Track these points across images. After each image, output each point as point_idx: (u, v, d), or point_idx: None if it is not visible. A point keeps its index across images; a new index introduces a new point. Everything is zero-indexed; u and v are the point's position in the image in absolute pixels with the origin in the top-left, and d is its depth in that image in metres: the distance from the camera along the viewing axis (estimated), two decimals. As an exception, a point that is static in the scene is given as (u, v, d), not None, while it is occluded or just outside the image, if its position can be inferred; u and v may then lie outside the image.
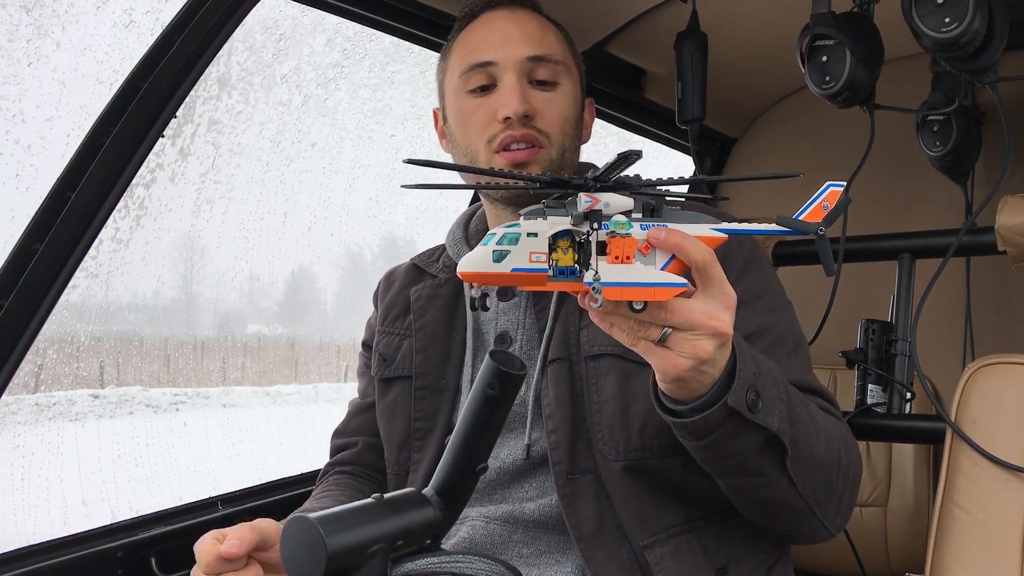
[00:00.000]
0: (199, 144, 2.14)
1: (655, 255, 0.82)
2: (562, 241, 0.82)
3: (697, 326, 0.82)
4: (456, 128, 1.24)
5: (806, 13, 1.45)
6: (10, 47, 1.78)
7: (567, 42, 1.27)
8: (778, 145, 2.43)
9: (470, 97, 1.21)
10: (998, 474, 1.18)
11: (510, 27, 1.21)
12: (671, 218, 0.83)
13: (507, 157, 1.18)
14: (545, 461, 1.14)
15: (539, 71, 1.20)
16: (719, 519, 1.11)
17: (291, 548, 0.72)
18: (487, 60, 1.20)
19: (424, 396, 1.24)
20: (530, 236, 0.82)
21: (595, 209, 0.81)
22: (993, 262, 1.95)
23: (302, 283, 8.69)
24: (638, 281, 0.81)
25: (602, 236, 0.81)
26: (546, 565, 1.13)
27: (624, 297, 0.81)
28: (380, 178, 2.73)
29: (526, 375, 0.92)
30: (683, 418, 0.91)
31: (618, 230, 0.81)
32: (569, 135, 1.23)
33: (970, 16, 1.23)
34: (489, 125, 1.19)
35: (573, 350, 1.15)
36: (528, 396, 1.16)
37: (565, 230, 0.81)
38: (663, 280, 0.81)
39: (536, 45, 1.20)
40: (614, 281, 0.81)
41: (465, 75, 1.21)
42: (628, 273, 0.81)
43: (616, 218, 0.82)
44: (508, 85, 1.18)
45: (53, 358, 3.13)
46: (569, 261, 0.82)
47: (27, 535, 1.46)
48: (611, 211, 0.82)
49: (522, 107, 1.17)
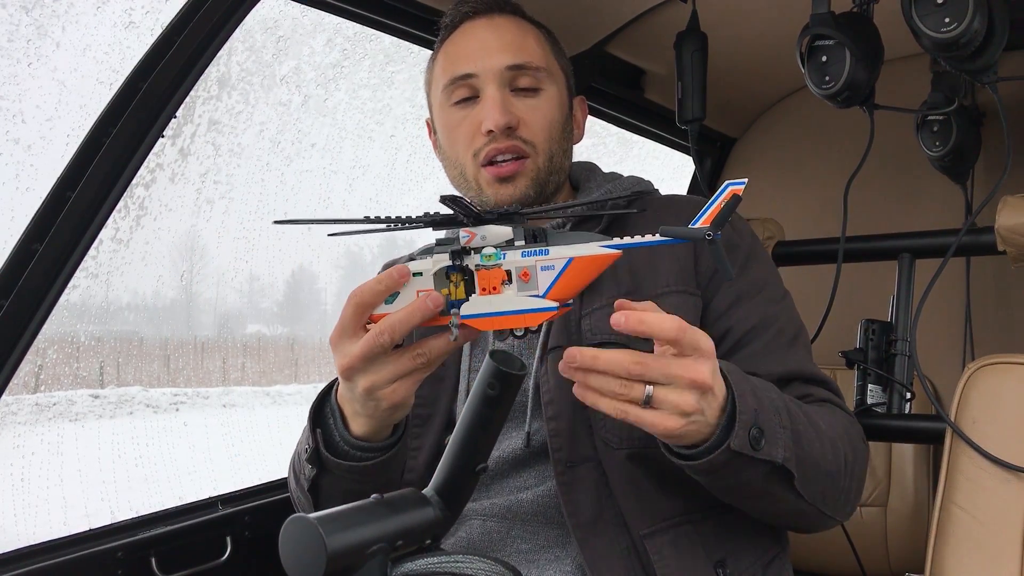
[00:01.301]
0: (199, 144, 2.14)
1: (537, 279, 0.84)
2: (455, 275, 0.86)
3: (675, 379, 0.83)
4: (444, 141, 1.26)
5: (806, 13, 1.45)
6: (10, 47, 1.78)
7: (549, 44, 1.27)
8: (778, 145, 2.43)
9: (455, 110, 1.22)
10: (998, 474, 1.18)
11: (489, 36, 1.21)
12: (557, 241, 0.85)
13: (493, 172, 1.19)
14: (545, 450, 1.14)
15: (520, 79, 1.20)
16: (719, 512, 1.12)
17: (291, 548, 0.72)
18: (467, 72, 1.20)
19: (424, 383, 1.24)
20: (416, 276, 0.88)
21: (471, 245, 0.86)
22: (993, 262, 1.95)
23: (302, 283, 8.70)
24: (505, 310, 0.85)
25: (476, 268, 0.86)
26: (546, 561, 1.13)
27: (491, 327, 0.85)
28: (380, 178, 2.72)
29: (526, 375, 0.92)
30: (689, 461, 0.92)
31: (485, 262, 0.85)
32: (556, 140, 1.23)
33: (970, 16, 1.23)
34: (474, 138, 1.19)
35: (574, 338, 1.16)
36: (528, 385, 1.17)
37: (454, 265, 0.86)
38: (532, 306, 0.84)
39: (515, 53, 1.20)
40: (480, 312, 0.86)
41: (448, 89, 1.22)
42: (496, 303, 0.85)
43: (485, 250, 0.86)
44: (489, 97, 1.18)
45: (53, 358, 3.13)
46: (461, 294, 0.87)
47: (27, 535, 1.46)
48: (489, 242, 0.86)
49: (504, 119, 1.17)
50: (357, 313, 0.91)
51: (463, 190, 1.25)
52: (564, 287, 0.84)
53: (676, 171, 2.69)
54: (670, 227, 0.82)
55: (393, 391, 0.93)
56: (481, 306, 0.86)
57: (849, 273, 1.60)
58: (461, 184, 1.25)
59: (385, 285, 0.90)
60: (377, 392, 0.93)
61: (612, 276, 1.17)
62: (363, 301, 0.91)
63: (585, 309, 1.16)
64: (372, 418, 0.99)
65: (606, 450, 1.11)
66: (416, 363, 0.91)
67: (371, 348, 0.89)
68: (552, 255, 0.84)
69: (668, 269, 1.17)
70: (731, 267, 0.90)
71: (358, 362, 0.91)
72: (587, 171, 1.32)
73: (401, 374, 0.92)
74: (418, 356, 0.91)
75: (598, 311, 1.16)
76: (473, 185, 1.22)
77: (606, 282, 1.17)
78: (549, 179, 1.22)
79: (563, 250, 0.84)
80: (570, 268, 0.84)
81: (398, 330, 0.88)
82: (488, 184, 1.20)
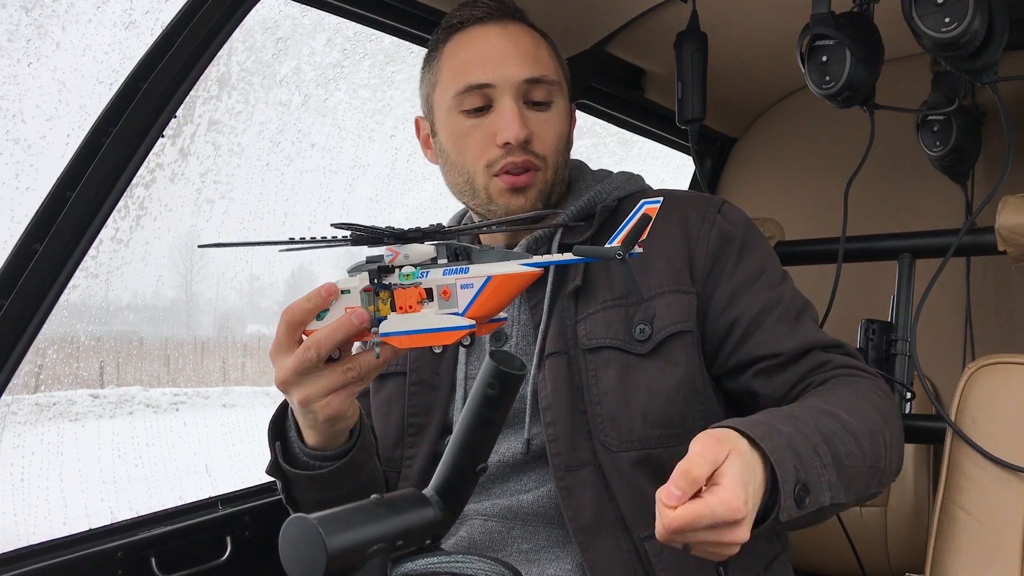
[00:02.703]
0: (199, 144, 2.14)
1: (457, 297, 0.86)
2: (383, 293, 0.89)
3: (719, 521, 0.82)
4: (450, 147, 1.23)
5: (806, 13, 1.44)
6: (10, 47, 1.78)
7: (557, 56, 1.27)
8: (778, 145, 2.43)
9: (465, 117, 1.20)
10: (998, 474, 1.18)
11: (505, 45, 1.19)
12: (478, 259, 0.87)
13: (508, 181, 1.18)
14: (544, 455, 1.14)
15: (535, 92, 1.20)
16: None
17: (291, 548, 0.72)
18: (484, 82, 1.18)
19: (418, 392, 1.24)
20: (344, 293, 0.92)
21: (395, 263, 0.88)
22: (993, 262, 1.95)
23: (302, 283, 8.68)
24: (422, 328, 0.87)
25: (397, 285, 0.88)
26: (546, 561, 1.13)
27: (409, 344, 0.88)
28: (380, 178, 2.72)
29: (526, 375, 0.92)
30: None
31: (403, 281, 0.88)
32: (562, 152, 1.24)
33: (970, 16, 1.23)
34: (487, 149, 1.18)
35: (570, 343, 1.16)
36: (526, 391, 1.17)
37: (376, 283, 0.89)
38: (449, 324, 0.86)
39: (532, 66, 1.19)
40: (398, 330, 0.88)
41: (459, 95, 1.19)
42: (413, 321, 0.87)
43: (404, 269, 0.88)
44: (507, 109, 1.17)
45: (53, 358, 3.12)
46: (388, 310, 0.89)
47: (27, 535, 1.46)
48: (411, 260, 0.88)
49: (523, 133, 1.16)
50: (290, 330, 0.95)
51: (467, 199, 1.24)
52: (483, 304, 0.86)
53: (676, 171, 2.69)
54: (583, 247, 0.85)
55: (327, 404, 0.96)
56: (399, 324, 0.89)
57: (849, 273, 1.60)
58: (466, 192, 1.23)
59: (314, 303, 0.94)
60: (312, 405, 0.96)
61: (606, 280, 1.17)
62: (294, 318, 0.94)
63: (581, 314, 1.16)
64: (314, 430, 1.02)
65: (606, 453, 1.11)
66: (347, 377, 0.94)
67: (300, 363, 0.93)
68: (472, 273, 0.86)
69: (661, 271, 1.17)
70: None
71: (291, 375, 0.95)
72: (577, 170, 1.32)
73: (333, 388, 0.95)
74: (348, 371, 0.94)
75: (593, 315, 1.16)
76: (482, 194, 1.21)
77: (601, 286, 1.17)
78: (553, 190, 1.23)
79: (482, 268, 0.86)
80: (488, 286, 0.85)
81: (324, 346, 0.92)
82: (500, 194, 1.19)
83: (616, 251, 0.82)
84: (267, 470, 1.12)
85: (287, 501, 1.13)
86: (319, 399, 0.96)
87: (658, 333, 1.13)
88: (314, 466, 1.07)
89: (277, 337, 0.96)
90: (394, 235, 0.87)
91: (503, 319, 0.93)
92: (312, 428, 1.03)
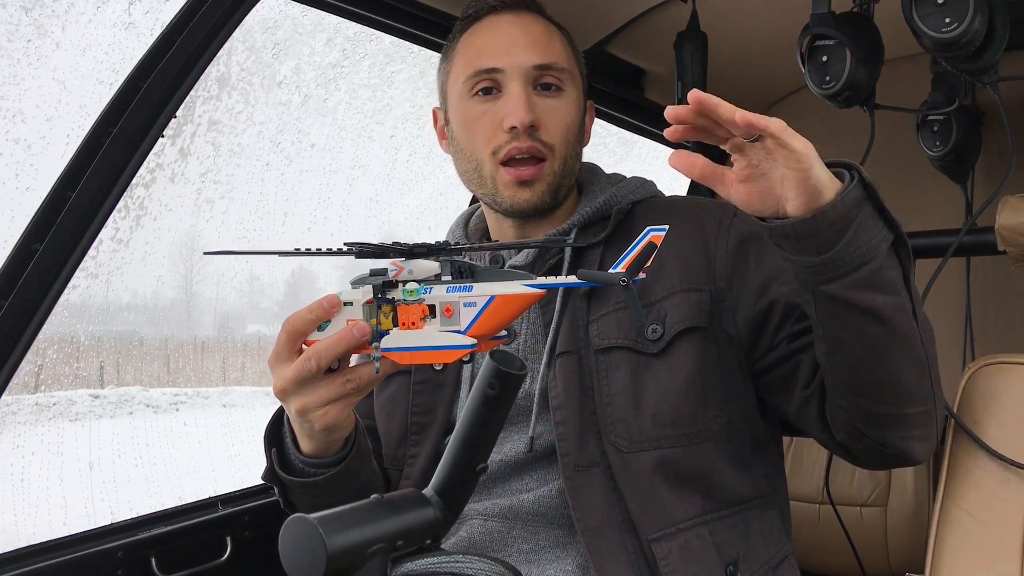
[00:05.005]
0: (199, 144, 2.14)
1: (459, 315, 0.86)
2: (386, 307, 0.89)
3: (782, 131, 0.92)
4: (460, 133, 1.23)
5: (806, 13, 1.44)
6: (10, 47, 1.78)
7: (571, 47, 1.27)
8: (778, 145, 2.42)
9: (475, 102, 1.20)
10: (998, 474, 1.18)
11: (517, 32, 1.20)
12: (483, 277, 0.87)
13: (513, 174, 1.18)
14: (548, 454, 1.14)
15: (544, 79, 1.20)
16: (737, 509, 1.12)
17: (291, 548, 0.72)
18: (493, 67, 1.19)
19: (423, 391, 1.24)
20: (346, 305, 0.92)
21: (399, 278, 0.88)
22: (993, 262, 1.95)
23: (302, 283, 8.68)
24: (424, 344, 0.87)
25: (400, 302, 0.89)
26: (546, 561, 1.13)
27: (410, 360, 0.88)
28: (380, 178, 2.72)
29: (526, 375, 0.92)
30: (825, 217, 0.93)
31: (407, 297, 0.88)
32: (572, 144, 1.23)
33: (970, 16, 1.23)
34: (495, 134, 1.18)
35: (582, 343, 1.15)
36: (533, 389, 1.16)
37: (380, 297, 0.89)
38: (450, 343, 0.86)
39: (542, 53, 1.20)
40: (399, 346, 0.88)
41: (470, 80, 1.20)
42: (415, 337, 0.88)
43: (408, 285, 0.88)
44: (514, 94, 1.17)
45: (53, 358, 3.12)
46: (389, 324, 0.89)
47: (27, 535, 1.46)
48: (416, 276, 0.88)
49: (528, 117, 1.16)
50: (290, 339, 0.95)
51: (475, 187, 1.24)
52: (485, 323, 0.86)
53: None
54: (587, 271, 0.85)
55: (324, 414, 0.96)
56: (401, 340, 0.89)
57: (849, 273, 1.59)
58: (474, 180, 1.23)
59: (316, 314, 0.94)
60: (309, 414, 0.97)
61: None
62: (295, 329, 0.95)
63: (593, 315, 1.16)
64: (311, 438, 1.03)
65: (616, 454, 1.11)
66: (346, 389, 0.95)
67: (299, 373, 0.93)
68: (475, 292, 0.86)
69: (673, 271, 1.16)
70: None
71: (290, 385, 0.95)
72: (590, 173, 1.31)
73: (331, 398, 0.95)
74: (347, 382, 0.94)
75: (605, 316, 1.16)
76: (489, 184, 1.20)
77: (613, 288, 1.16)
78: (562, 183, 1.22)
79: (486, 287, 0.86)
80: (491, 305, 0.85)
81: (324, 357, 0.92)
82: (506, 186, 1.19)
83: (620, 277, 0.82)
84: (263, 476, 1.12)
85: (285, 505, 1.13)
86: (317, 409, 0.96)
87: (669, 331, 1.13)
88: (309, 473, 1.07)
89: (277, 346, 0.96)
90: (400, 250, 0.87)
91: (504, 336, 0.92)
92: (308, 436, 1.03)
